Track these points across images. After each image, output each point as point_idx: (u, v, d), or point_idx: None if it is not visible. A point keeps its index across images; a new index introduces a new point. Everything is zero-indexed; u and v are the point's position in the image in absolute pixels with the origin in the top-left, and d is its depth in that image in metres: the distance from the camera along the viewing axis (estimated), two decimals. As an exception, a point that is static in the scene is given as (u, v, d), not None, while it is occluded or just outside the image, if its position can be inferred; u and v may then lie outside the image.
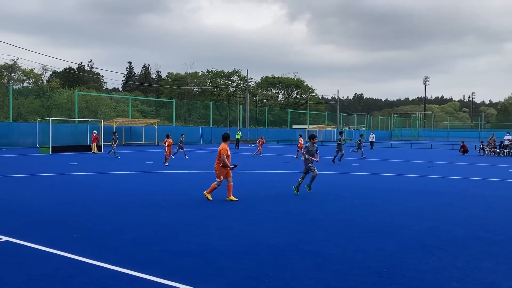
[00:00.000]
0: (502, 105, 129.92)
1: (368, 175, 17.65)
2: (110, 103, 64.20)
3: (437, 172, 18.95)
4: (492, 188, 13.89)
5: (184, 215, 9.09)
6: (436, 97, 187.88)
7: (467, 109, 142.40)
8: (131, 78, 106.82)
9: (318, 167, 15.18)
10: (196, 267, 5.67)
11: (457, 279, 5.34)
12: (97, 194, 11.76)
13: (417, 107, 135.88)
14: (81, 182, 14.41)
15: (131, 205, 10.13)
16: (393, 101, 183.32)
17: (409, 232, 7.71)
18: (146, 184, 14.11)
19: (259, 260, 5.99)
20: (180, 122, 63.61)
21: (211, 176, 16.28)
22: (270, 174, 17.47)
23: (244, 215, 9.17)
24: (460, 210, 10.01)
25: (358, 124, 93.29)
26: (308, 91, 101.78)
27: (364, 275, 5.45)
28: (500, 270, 5.69)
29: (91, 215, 8.96)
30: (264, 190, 12.84)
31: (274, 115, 79.68)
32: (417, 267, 5.77)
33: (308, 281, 5.20)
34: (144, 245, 6.70)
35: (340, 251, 6.50)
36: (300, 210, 9.77)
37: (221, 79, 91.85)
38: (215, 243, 6.84)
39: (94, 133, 32.42)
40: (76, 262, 5.84)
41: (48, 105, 53.53)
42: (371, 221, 8.64)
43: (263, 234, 7.47)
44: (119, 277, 5.27)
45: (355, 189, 13.41)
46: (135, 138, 44.83)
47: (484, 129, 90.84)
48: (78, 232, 7.50)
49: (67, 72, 79.09)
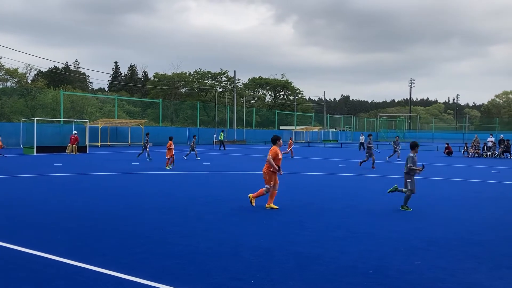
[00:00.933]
0: (485, 108, 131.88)
1: (351, 176, 17.76)
2: (96, 103, 63.71)
3: (422, 174, 19.12)
4: (475, 189, 14.09)
5: (169, 216, 9.06)
6: (421, 99, 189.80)
7: (451, 111, 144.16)
8: (117, 78, 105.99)
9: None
10: (181, 269, 5.66)
11: (441, 279, 5.41)
12: (82, 195, 11.65)
13: (403, 108, 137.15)
14: (66, 183, 14.27)
15: (116, 207, 10.06)
16: (379, 103, 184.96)
17: (393, 234, 7.79)
18: (131, 185, 14.02)
19: (245, 262, 6.00)
20: (166, 122, 63.37)
21: (195, 177, 16.27)
22: (254, 175, 17.49)
23: (230, 216, 9.16)
24: (443, 211, 10.14)
25: (345, 126, 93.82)
26: (295, 92, 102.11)
27: (349, 275, 5.49)
28: (482, 270, 5.78)
29: (75, 217, 8.88)
30: (249, 190, 12.84)
31: (262, 116, 79.83)
32: (402, 267, 5.84)
33: (293, 282, 5.22)
34: (129, 247, 6.66)
35: (325, 252, 6.54)
36: (285, 211, 9.80)
37: (208, 79, 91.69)
38: (201, 245, 6.84)
39: (75, 134, 31.65)
40: (60, 264, 5.78)
41: (32, 105, 52.90)
42: (356, 222, 8.71)
43: (249, 236, 7.49)
44: (104, 279, 5.23)
45: (341, 190, 13.49)
46: (121, 139, 44.50)
47: (468, 131, 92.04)
48: (62, 234, 7.42)
49: (52, 72, 78.21)
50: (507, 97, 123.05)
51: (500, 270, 5.81)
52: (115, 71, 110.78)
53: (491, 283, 5.31)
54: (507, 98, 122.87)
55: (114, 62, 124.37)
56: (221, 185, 14.36)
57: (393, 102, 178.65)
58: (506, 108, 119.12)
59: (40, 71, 78.37)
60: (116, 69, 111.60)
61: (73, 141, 30.90)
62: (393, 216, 9.43)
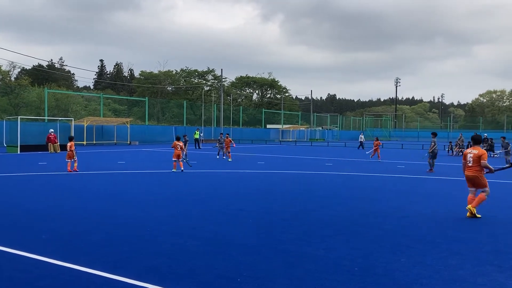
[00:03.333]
0: (469, 107, 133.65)
1: (340, 174, 17.86)
2: (81, 101, 63.05)
3: (407, 172, 19.35)
4: (459, 188, 14.26)
5: (156, 215, 9.01)
6: (407, 98, 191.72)
7: (436, 110, 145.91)
8: (103, 76, 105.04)
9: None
10: (168, 268, 5.63)
11: (426, 276, 5.47)
12: (67, 194, 11.53)
13: (389, 107, 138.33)
14: (50, 182, 14.11)
15: (102, 205, 9.98)
16: (365, 102, 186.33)
17: (379, 232, 7.85)
18: (117, 184, 13.92)
19: (232, 260, 6.00)
20: (153, 121, 63.04)
21: (181, 176, 16.20)
22: (249, 174, 17.49)
23: (218, 215, 9.15)
24: (429, 208, 10.26)
25: (331, 124, 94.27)
26: (282, 91, 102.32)
27: (336, 273, 5.52)
28: (466, 267, 5.86)
29: (60, 216, 8.78)
30: (238, 189, 12.85)
31: (249, 114, 79.81)
32: (388, 265, 5.89)
33: (280, 280, 5.23)
34: (115, 246, 6.61)
35: (312, 250, 6.57)
36: (273, 209, 9.82)
37: (195, 78, 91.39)
38: (188, 243, 6.81)
39: (51, 132, 31.24)
40: (45, 264, 5.72)
41: (16, 103, 52.16)
42: (342, 220, 8.76)
43: (236, 234, 7.48)
44: (90, 279, 5.18)
45: (327, 188, 13.56)
46: (107, 137, 44.12)
47: (453, 130, 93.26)
48: (47, 233, 7.34)
49: (36, 70, 77.24)
50: (490, 97, 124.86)
51: (483, 266, 5.89)
52: (101, 69, 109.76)
53: (475, 279, 5.39)
54: (491, 98, 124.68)
55: (100, 60, 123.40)
56: (207, 184, 14.33)
57: (379, 101, 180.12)
58: (489, 107, 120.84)
59: (24, 69, 77.45)
60: (101, 67, 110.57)
61: (53, 140, 30.62)
62: (379, 214, 9.51)
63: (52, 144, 30.60)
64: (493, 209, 10.25)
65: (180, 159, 17.85)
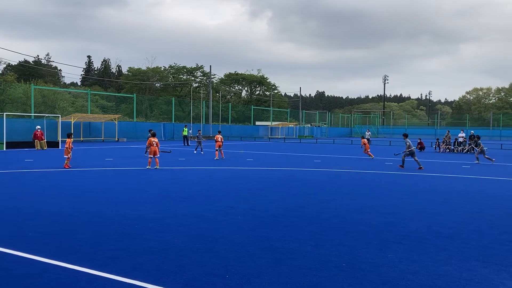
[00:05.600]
0: (456, 104, 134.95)
1: (328, 171, 17.94)
2: (68, 98, 62.43)
3: (394, 168, 19.50)
4: (446, 184, 14.42)
5: (143, 212, 8.97)
6: (395, 95, 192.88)
7: (424, 107, 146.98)
8: (91, 73, 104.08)
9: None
10: (156, 265, 5.61)
11: (412, 271, 5.53)
12: (54, 192, 11.43)
13: (377, 105, 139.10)
14: (37, 179, 13.96)
15: (88, 203, 9.90)
16: (353, 99, 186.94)
17: (367, 228, 7.91)
18: (104, 181, 13.82)
19: (220, 257, 6.00)
20: (141, 118, 62.58)
21: (169, 173, 16.14)
22: (237, 171, 17.47)
23: (206, 212, 9.14)
24: (416, 205, 10.35)
25: (320, 121, 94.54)
26: (271, 88, 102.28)
27: (323, 269, 5.55)
28: (452, 262, 5.93)
29: (47, 213, 8.70)
30: (226, 186, 12.84)
31: (238, 111, 79.64)
32: (374, 261, 5.94)
33: (268, 277, 5.25)
34: (103, 244, 6.57)
35: (300, 246, 6.60)
36: (261, 206, 9.83)
37: (183, 74, 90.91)
38: (176, 240, 6.80)
39: (38, 129, 30.90)
40: (32, 262, 5.66)
41: (1, 100, 51.43)
42: (330, 217, 8.80)
43: (224, 231, 7.48)
44: (78, 277, 5.15)
45: (313, 185, 13.61)
46: (95, 134, 43.75)
47: (440, 127, 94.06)
48: (34, 231, 7.27)
49: (22, 66, 76.21)
50: (477, 94, 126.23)
51: (469, 262, 5.97)
52: (88, 65, 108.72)
53: (461, 274, 5.46)
54: (477, 95, 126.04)
55: (87, 56, 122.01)
56: (195, 181, 14.29)
57: (367, 98, 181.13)
58: (476, 105, 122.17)
59: (9, 65, 76.39)
60: (89, 63, 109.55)
61: (40, 136, 30.35)
62: (366, 210, 9.57)
63: (39, 141, 30.36)
64: (480, 205, 10.38)
65: (157, 155, 17.94)
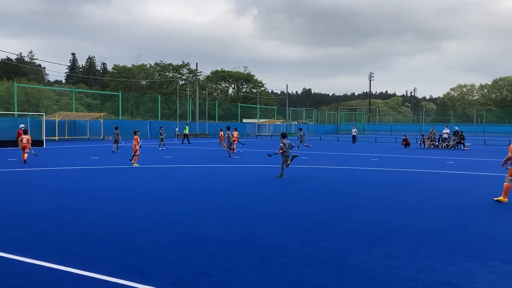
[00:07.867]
0: (441, 100, 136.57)
1: (314, 168, 18.03)
2: (53, 96, 61.68)
3: (380, 165, 19.67)
4: (431, 180, 14.60)
5: (131, 211, 8.92)
6: (380, 92, 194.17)
7: (409, 104, 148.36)
8: (75, 70, 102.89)
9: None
10: (143, 264, 5.60)
11: (397, 266, 5.60)
12: (38, 191, 11.30)
13: (363, 101, 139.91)
14: (21, 178, 13.79)
15: (75, 202, 9.82)
16: (340, 96, 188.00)
17: (353, 224, 7.98)
18: (90, 180, 13.70)
19: (207, 255, 6.00)
20: (127, 115, 62.12)
21: (157, 171, 16.07)
22: (225, 169, 17.46)
23: (193, 210, 9.13)
24: (401, 201, 10.47)
25: (307, 119, 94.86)
26: (258, 85, 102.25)
27: (310, 266, 5.60)
28: (436, 257, 6.02)
29: (31, 213, 8.61)
30: (213, 184, 12.83)
31: (224, 109, 79.48)
32: (360, 256, 6.00)
33: (255, 274, 5.27)
34: (89, 243, 6.53)
35: (287, 243, 6.64)
36: (248, 204, 9.86)
37: (169, 72, 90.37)
38: (163, 239, 6.78)
39: (22, 127, 30.40)
40: (15, 262, 5.60)
41: (-16, 98, 50.60)
42: (317, 214, 8.86)
43: (212, 229, 7.49)
44: (63, 277, 5.11)
45: (300, 182, 13.68)
46: (80, 133, 43.31)
47: (425, 123, 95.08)
48: (17, 231, 7.19)
49: (4, 63, 75.09)
50: (461, 91, 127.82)
51: (453, 256, 6.07)
52: (73, 63, 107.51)
53: (444, 268, 5.55)
54: (461, 91, 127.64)
55: (72, 53, 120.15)
56: (182, 179, 14.26)
57: (353, 95, 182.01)
58: (460, 101, 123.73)
59: (-9, 62, 75.03)
60: (73, 61, 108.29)
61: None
62: (352, 207, 9.66)
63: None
64: (463, 200, 10.54)
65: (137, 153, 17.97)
